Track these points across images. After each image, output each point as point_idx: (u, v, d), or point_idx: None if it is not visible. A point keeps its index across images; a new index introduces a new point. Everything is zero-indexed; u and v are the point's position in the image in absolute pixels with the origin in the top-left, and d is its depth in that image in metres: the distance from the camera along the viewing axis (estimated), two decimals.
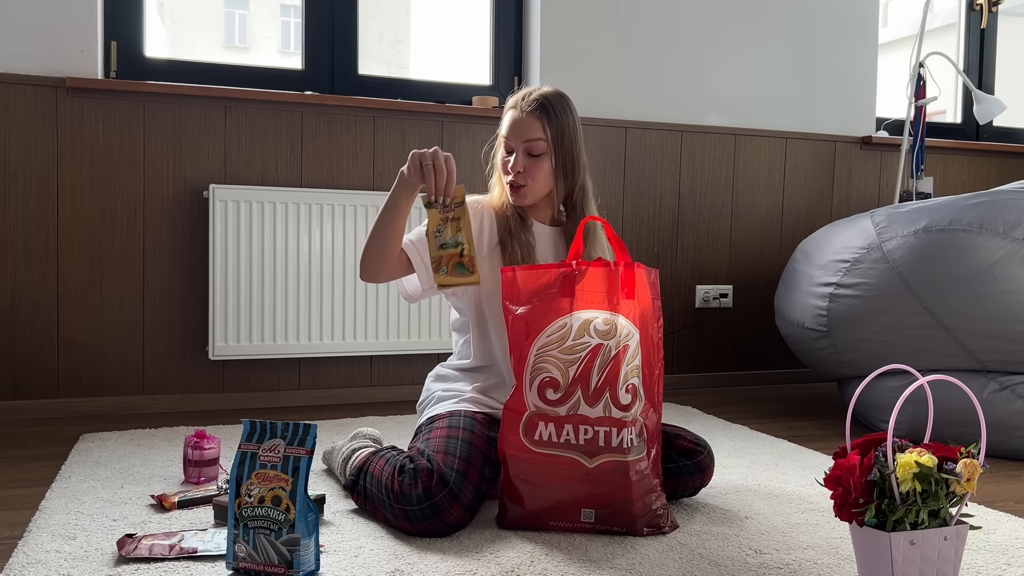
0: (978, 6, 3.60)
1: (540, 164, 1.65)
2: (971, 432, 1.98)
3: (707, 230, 3.13)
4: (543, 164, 1.65)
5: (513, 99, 1.69)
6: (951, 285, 2.11)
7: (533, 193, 1.67)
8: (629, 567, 1.32)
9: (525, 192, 1.66)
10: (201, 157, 2.54)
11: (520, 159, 1.65)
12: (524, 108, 1.65)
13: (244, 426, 1.30)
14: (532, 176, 1.65)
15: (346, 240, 2.61)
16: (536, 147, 1.64)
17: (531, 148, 1.64)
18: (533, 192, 1.67)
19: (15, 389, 2.41)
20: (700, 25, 3.08)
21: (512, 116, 1.67)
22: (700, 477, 1.64)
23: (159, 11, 14.18)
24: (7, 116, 2.37)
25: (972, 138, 3.65)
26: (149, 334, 2.52)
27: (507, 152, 1.68)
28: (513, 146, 1.66)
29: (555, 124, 1.65)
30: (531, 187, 1.66)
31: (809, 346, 2.49)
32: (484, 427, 1.60)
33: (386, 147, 2.72)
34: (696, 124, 3.09)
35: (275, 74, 2.73)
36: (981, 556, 1.40)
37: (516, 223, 1.68)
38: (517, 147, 1.65)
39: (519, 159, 1.65)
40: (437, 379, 1.78)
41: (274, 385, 2.64)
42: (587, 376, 1.44)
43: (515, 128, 1.65)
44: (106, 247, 2.47)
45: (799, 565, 1.35)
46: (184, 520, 1.51)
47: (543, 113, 1.65)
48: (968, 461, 1.13)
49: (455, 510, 1.43)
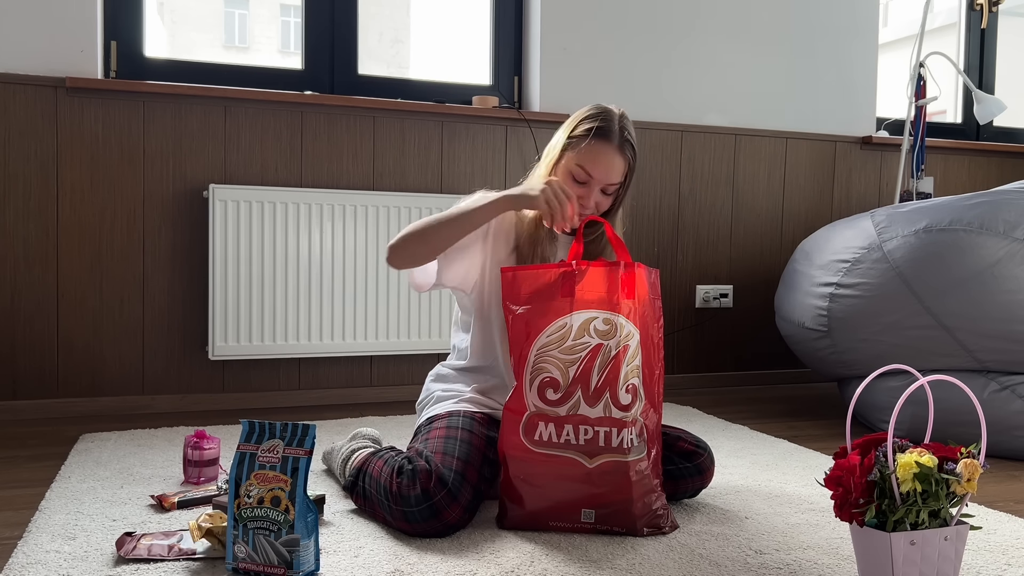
0: (978, 6, 3.60)
1: (607, 201, 1.62)
2: (971, 432, 1.97)
3: (707, 230, 3.13)
4: (609, 200, 1.62)
5: (600, 124, 1.57)
6: (951, 285, 2.10)
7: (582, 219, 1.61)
8: (629, 567, 1.32)
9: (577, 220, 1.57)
10: (201, 157, 2.54)
11: (595, 197, 1.59)
12: (619, 144, 1.57)
13: (243, 426, 1.30)
14: (598, 209, 1.61)
15: (346, 240, 2.61)
16: (613, 188, 1.60)
17: (609, 189, 1.60)
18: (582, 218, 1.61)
19: (15, 389, 2.41)
20: (700, 25, 3.08)
21: (606, 151, 1.57)
22: (700, 479, 1.64)
23: (159, 11, 14.19)
24: (7, 116, 2.37)
25: (972, 138, 3.65)
26: (149, 334, 2.52)
27: (579, 181, 1.58)
28: (592, 183, 1.58)
29: (634, 161, 1.61)
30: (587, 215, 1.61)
31: (809, 346, 2.49)
32: (483, 427, 1.60)
33: (386, 147, 2.72)
34: (696, 124, 3.09)
35: (275, 74, 2.73)
36: (981, 556, 1.40)
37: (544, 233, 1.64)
38: (595, 186, 1.58)
39: (593, 197, 1.58)
40: (436, 379, 1.78)
41: (274, 385, 2.64)
42: (587, 376, 1.44)
43: (601, 166, 1.57)
44: (106, 247, 2.47)
45: (799, 565, 1.34)
46: (184, 520, 1.51)
47: (632, 154, 1.60)
48: (968, 461, 1.13)
49: (454, 511, 1.43)
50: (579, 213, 1.58)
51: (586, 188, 1.59)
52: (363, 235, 2.62)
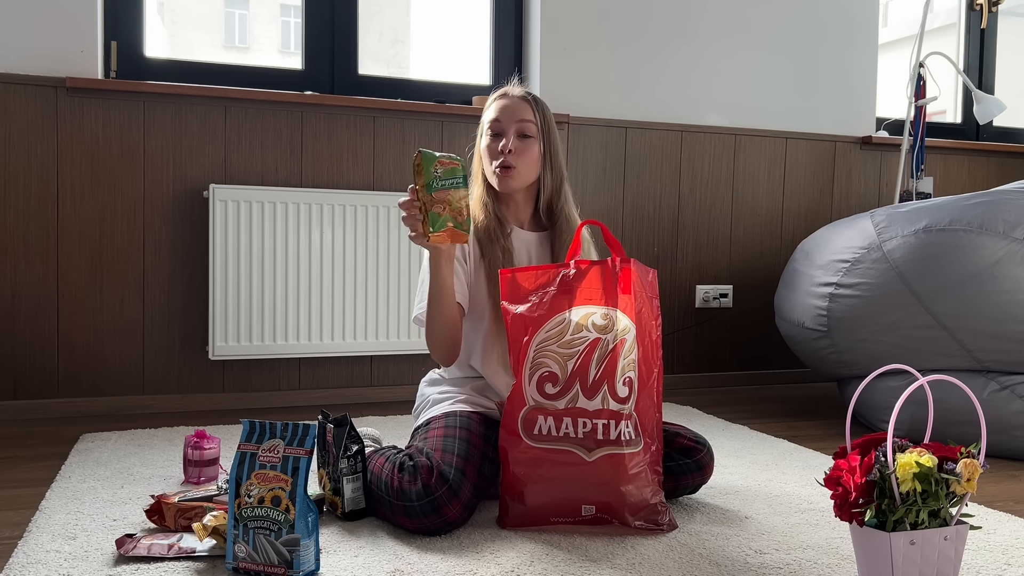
0: (978, 6, 3.60)
1: (530, 147, 1.67)
2: (971, 432, 1.98)
3: (707, 230, 3.13)
4: (532, 147, 1.67)
5: (497, 92, 1.72)
6: (951, 285, 2.10)
7: (521, 177, 1.67)
8: (629, 567, 1.32)
9: (514, 174, 1.66)
10: (201, 157, 2.54)
11: (511, 139, 1.65)
12: (513, 94, 1.70)
13: (243, 426, 1.30)
14: (521, 157, 1.66)
15: (346, 240, 2.61)
16: (527, 128, 1.66)
17: (522, 129, 1.66)
18: (521, 176, 1.67)
19: (15, 389, 2.41)
20: (700, 25, 3.08)
21: (501, 102, 1.69)
22: (700, 475, 1.64)
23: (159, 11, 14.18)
24: (7, 116, 2.37)
25: (972, 138, 3.65)
26: (149, 334, 2.52)
27: (494, 136, 1.68)
28: (504, 127, 1.67)
29: (543, 111, 1.70)
30: (520, 170, 1.66)
31: (809, 346, 2.49)
32: (481, 426, 1.61)
33: (386, 147, 2.72)
34: (696, 124, 3.09)
35: (275, 74, 2.73)
36: (981, 556, 1.40)
37: (495, 228, 1.69)
38: (508, 128, 1.66)
39: (510, 139, 1.66)
40: (431, 383, 1.79)
41: (274, 385, 2.64)
42: (585, 369, 1.45)
43: (506, 110, 1.67)
44: (106, 247, 2.47)
45: (799, 565, 1.35)
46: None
47: (533, 100, 1.70)
48: (968, 461, 1.13)
49: (454, 507, 1.43)
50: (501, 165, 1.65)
51: (503, 137, 1.67)
52: (363, 235, 2.62)
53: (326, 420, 1.55)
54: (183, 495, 1.58)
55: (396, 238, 2.66)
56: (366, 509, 1.53)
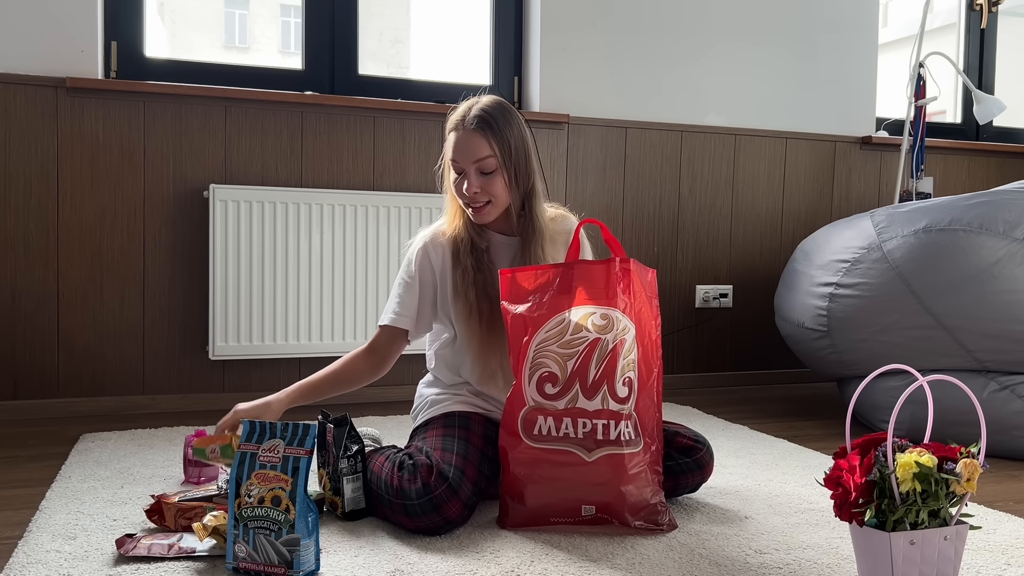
0: (978, 6, 3.60)
1: (495, 181, 1.60)
2: (971, 432, 1.97)
3: (707, 230, 3.13)
4: (497, 180, 1.60)
5: (452, 119, 1.63)
6: (951, 285, 2.10)
7: (495, 209, 1.63)
8: (629, 567, 1.32)
9: (487, 209, 1.62)
10: (201, 157, 2.54)
11: (474, 180, 1.59)
12: (467, 127, 1.59)
13: (243, 426, 1.30)
14: (490, 193, 1.61)
15: (346, 240, 2.61)
16: (486, 165, 1.58)
17: (482, 167, 1.58)
18: (495, 208, 1.63)
19: (15, 389, 2.41)
20: (700, 25, 3.08)
21: (455, 138, 1.60)
22: (700, 474, 1.64)
23: (159, 11, 14.18)
24: (7, 116, 2.37)
25: (972, 138, 3.65)
26: (149, 334, 2.52)
27: (457, 173, 1.62)
28: (463, 167, 1.60)
29: (500, 138, 1.59)
30: (492, 204, 1.62)
31: (809, 346, 2.49)
32: (480, 426, 1.61)
33: (386, 147, 2.72)
34: (696, 124, 3.09)
35: (275, 74, 2.73)
36: (981, 556, 1.40)
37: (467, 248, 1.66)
38: (468, 168, 1.59)
39: (473, 180, 1.59)
40: (428, 384, 1.79)
41: (274, 385, 2.63)
42: (585, 369, 1.45)
43: (461, 149, 1.59)
44: (106, 247, 2.47)
45: (799, 565, 1.35)
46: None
47: (487, 128, 1.58)
48: (968, 461, 1.13)
49: (454, 505, 1.43)
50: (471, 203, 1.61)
51: (465, 176, 1.60)
52: (363, 235, 2.62)
53: (326, 420, 1.55)
54: (183, 495, 1.59)
55: (396, 238, 2.66)
56: (366, 509, 1.53)
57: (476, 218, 1.64)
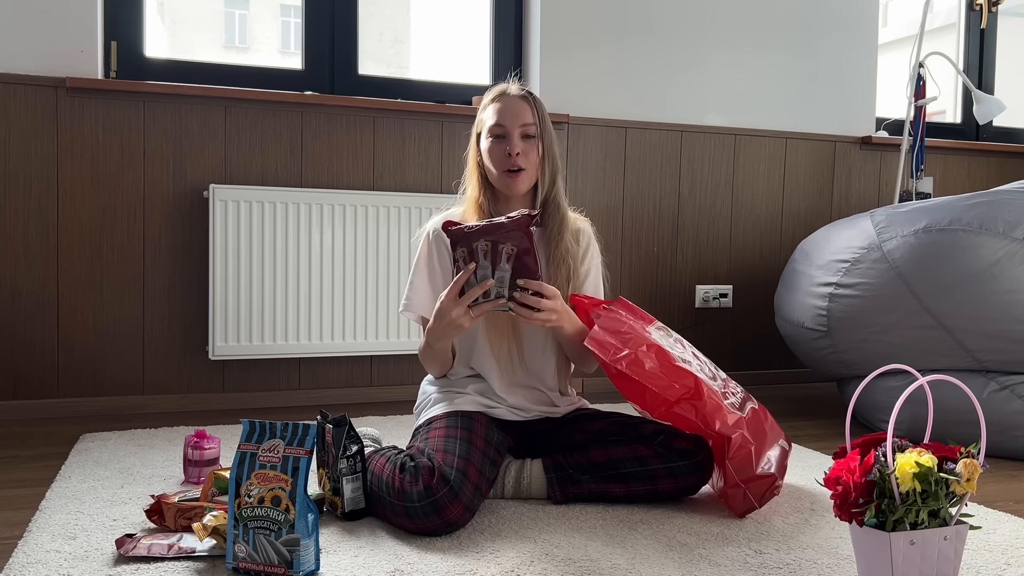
0: (978, 6, 3.60)
1: (533, 147, 1.68)
2: (971, 432, 1.97)
3: (707, 230, 3.13)
4: (534, 149, 1.68)
5: (492, 92, 1.71)
6: (951, 285, 2.10)
7: (528, 179, 1.69)
8: (629, 567, 1.32)
9: (523, 176, 1.67)
10: (201, 157, 2.54)
11: (517, 142, 1.66)
12: (512, 93, 1.69)
13: (243, 426, 1.30)
14: (527, 159, 1.67)
15: (346, 240, 2.61)
16: (530, 130, 1.67)
17: (526, 131, 1.67)
18: (528, 177, 1.69)
19: (15, 389, 2.41)
20: (700, 25, 3.08)
21: (501, 104, 1.68)
22: (699, 476, 1.64)
23: (159, 11, 14.19)
24: (7, 116, 2.37)
25: (972, 138, 3.65)
26: (149, 334, 2.52)
27: (497, 139, 1.68)
28: (507, 130, 1.66)
29: (541, 111, 1.70)
30: (528, 172, 1.68)
31: (809, 346, 2.49)
32: (483, 427, 1.61)
33: (386, 147, 2.72)
34: (696, 124, 3.09)
35: (275, 74, 2.73)
36: (981, 556, 1.40)
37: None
38: (512, 131, 1.66)
39: (516, 141, 1.66)
40: (432, 381, 1.79)
41: (274, 385, 2.64)
42: None
43: (508, 113, 1.67)
44: (106, 247, 2.47)
45: (799, 565, 1.35)
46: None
47: (532, 98, 1.70)
48: (968, 461, 1.13)
49: (455, 508, 1.43)
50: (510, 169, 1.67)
51: (507, 140, 1.67)
52: (363, 235, 2.62)
53: (325, 420, 1.55)
54: (183, 495, 1.58)
55: (396, 238, 2.66)
56: (366, 509, 1.53)
57: (509, 184, 1.67)
